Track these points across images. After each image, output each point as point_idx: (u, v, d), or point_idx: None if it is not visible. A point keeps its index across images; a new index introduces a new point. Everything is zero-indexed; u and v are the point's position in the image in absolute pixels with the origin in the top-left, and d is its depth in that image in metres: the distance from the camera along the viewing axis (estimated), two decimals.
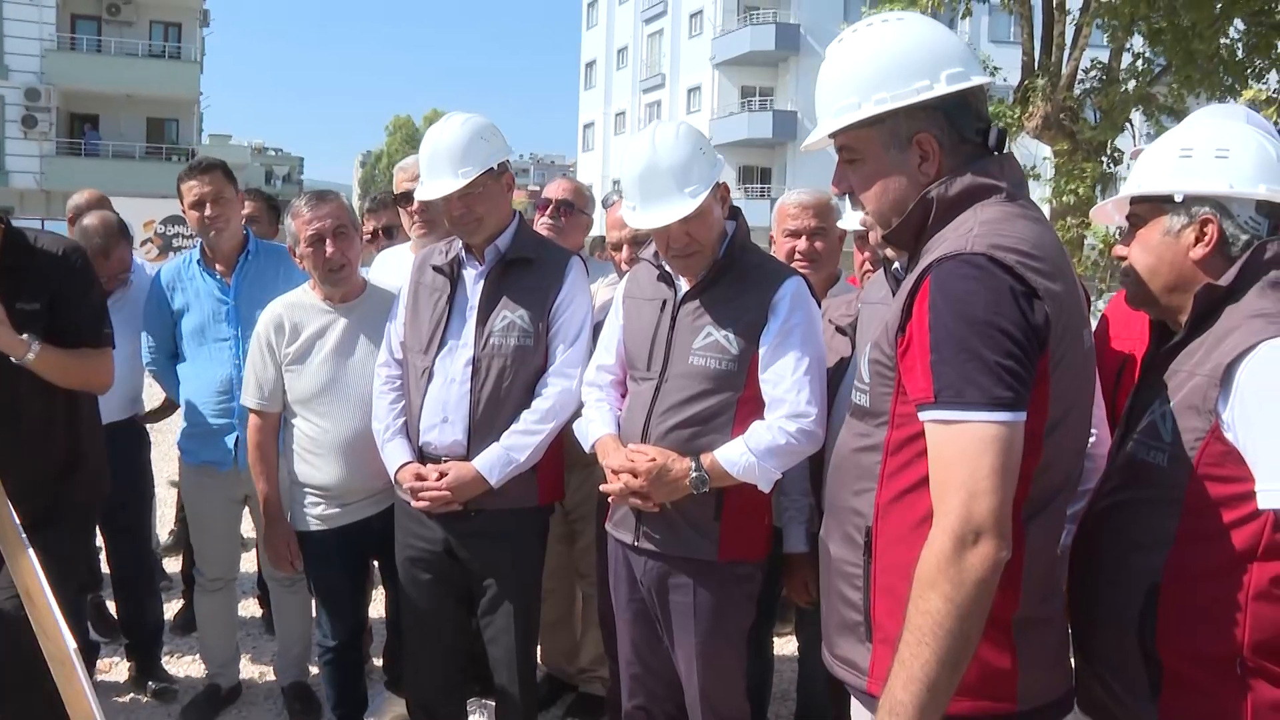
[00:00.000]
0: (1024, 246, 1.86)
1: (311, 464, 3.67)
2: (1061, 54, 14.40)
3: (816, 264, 3.57)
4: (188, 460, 4.29)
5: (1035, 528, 1.94)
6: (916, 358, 1.87)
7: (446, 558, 3.41)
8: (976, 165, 1.99)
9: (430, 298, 3.45)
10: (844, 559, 2.16)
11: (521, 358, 3.31)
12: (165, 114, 36.52)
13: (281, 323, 3.70)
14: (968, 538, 1.74)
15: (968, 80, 1.99)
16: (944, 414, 1.81)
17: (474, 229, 3.34)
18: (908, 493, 1.97)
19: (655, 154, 2.88)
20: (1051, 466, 1.94)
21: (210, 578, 4.41)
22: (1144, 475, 2.11)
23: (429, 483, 3.30)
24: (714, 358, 2.90)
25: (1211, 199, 2.14)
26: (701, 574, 2.96)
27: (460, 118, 3.36)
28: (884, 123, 2.03)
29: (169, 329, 4.26)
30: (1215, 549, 1.99)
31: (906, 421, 1.95)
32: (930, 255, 1.92)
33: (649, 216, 2.89)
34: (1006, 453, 1.77)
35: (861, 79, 2.03)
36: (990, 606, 1.77)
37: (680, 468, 2.86)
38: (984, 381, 1.77)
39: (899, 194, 2.05)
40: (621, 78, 52.77)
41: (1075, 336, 1.92)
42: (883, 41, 2.05)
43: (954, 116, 2.00)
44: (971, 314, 1.80)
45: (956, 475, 1.77)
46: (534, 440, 3.28)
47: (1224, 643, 1.97)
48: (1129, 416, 2.23)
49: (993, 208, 1.95)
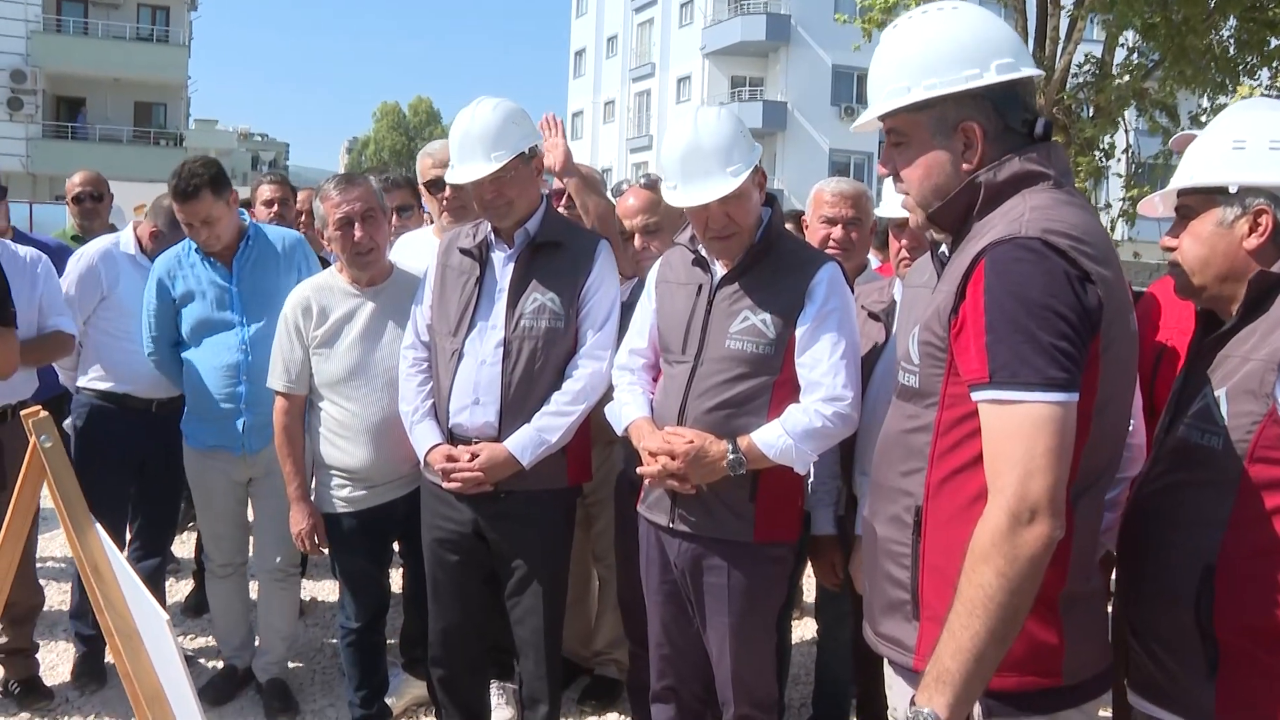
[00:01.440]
0: (1075, 232, 1.89)
1: (339, 447, 3.69)
2: (1056, 48, 14.43)
3: (849, 253, 3.61)
4: (194, 445, 4.27)
5: (1082, 506, 1.98)
6: (970, 338, 1.90)
7: (475, 539, 3.44)
8: (1025, 152, 2.02)
9: (458, 280, 3.46)
10: (891, 538, 2.19)
11: (552, 340, 3.34)
12: (152, 98, 36.35)
13: (309, 306, 3.70)
14: (1023, 515, 1.77)
15: (1017, 71, 2.02)
16: (1000, 394, 1.84)
17: (505, 212, 3.36)
18: (958, 473, 2.00)
19: (698, 134, 2.91)
20: (1098, 447, 1.97)
21: (220, 563, 4.41)
22: (1197, 458, 2.14)
23: (461, 464, 3.32)
24: (751, 341, 2.94)
25: (1266, 190, 2.17)
26: (736, 555, 2.99)
27: (491, 102, 3.37)
28: (933, 108, 2.06)
29: (170, 318, 4.23)
30: (1270, 530, 2.03)
31: (958, 402, 1.98)
32: (980, 239, 1.95)
33: (691, 194, 2.92)
34: (1061, 433, 1.80)
35: (913, 64, 2.07)
36: (1039, 581, 1.81)
37: (718, 450, 2.89)
38: (1039, 362, 1.80)
39: (941, 178, 2.09)
40: (611, 67, 52.62)
41: (1124, 320, 1.96)
42: (936, 28, 2.08)
43: (1001, 106, 2.03)
44: (1027, 296, 1.83)
45: (1012, 454, 1.81)
46: (566, 421, 3.31)
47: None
48: (1178, 401, 2.27)
49: (1041, 194, 1.98)
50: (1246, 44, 13.98)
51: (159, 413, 4.50)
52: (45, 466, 1.98)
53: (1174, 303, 2.88)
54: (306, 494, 3.80)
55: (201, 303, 4.16)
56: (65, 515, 1.99)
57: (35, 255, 4.19)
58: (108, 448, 4.44)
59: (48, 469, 1.97)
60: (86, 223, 6.00)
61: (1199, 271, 2.27)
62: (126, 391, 4.46)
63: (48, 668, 4.59)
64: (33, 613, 4.36)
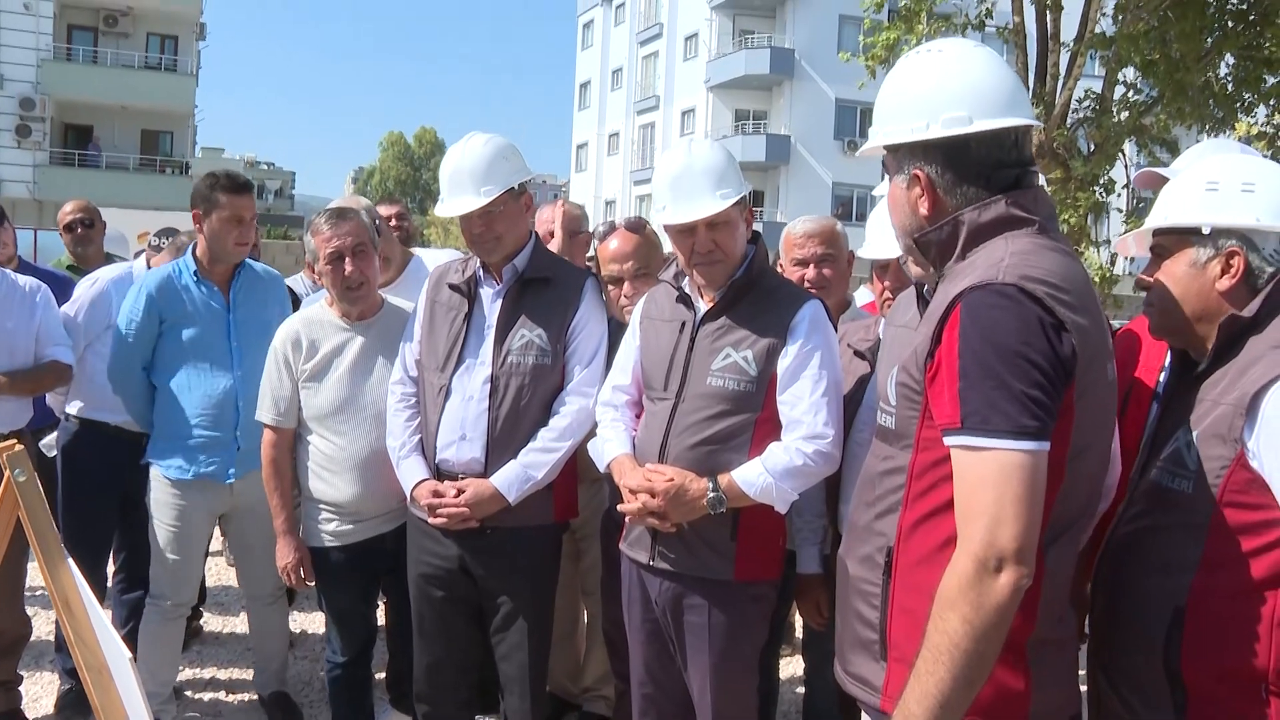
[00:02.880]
0: (1053, 279, 1.90)
1: (327, 481, 3.69)
2: (1055, 84, 14.51)
3: (827, 290, 3.58)
4: (175, 475, 4.10)
5: (1054, 553, 1.98)
6: (944, 383, 1.91)
7: (460, 574, 3.44)
8: (1011, 196, 2.02)
9: (447, 315, 3.48)
10: (863, 578, 2.20)
11: (539, 376, 3.35)
12: (160, 126, 36.50)
13: (299, 339, 3.72)
14: (990, 563, 1.78)
15: (966, 126, 2.00)
16: (970, 440, 1.84)
17: (493, 247, 3.39)
18: (931, 516, 2.01)
19: (691, 158, 2.97)
20: (1071, 494, 1.98)
21: (175, 603, 4.22)
22: (1168, 501, 2.16)
23: (447, 499, 3.32)
24: (733, 379, 2.94)
25: (1238, 232, 2.19)
26: (717, 594, 2.99)
27: (482, 137, 3.40)
28: (896, 151, 2.12)
29: (151, 338, 4.11)
30: (1240, 574, 2.03)
31: (932, 445, 1.99)
32: (961, 281, 1.96)
33: (680, 212, 2.95)
34: (1031, 481, 1.80)
35: (882, 108, 2.14)
36: (1007, 629, 1.81)
37: (698, 488, 2.90)
38: (1011, 410, 1.81)
39: (905, 218, 2.14)
40: (616, 99, 52.96)
41: (1100, 369, 1.96)
42: (905, 75, 2.13)
43: (952, 160, 2.04)
44: (1001, 343, 1.84)
45: (981, 501, 1.81)
46: (552, 458, 3.32)
47: (1250, 665, 2.01)
48: (1151, 444, 2.28)
49: (1024, 239, 1.99)
50: (1244, 81, 14.08)
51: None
52: (19, 500, 1.98)
53: (1151, 343, 2.89)
54: (294, 527, 3.79)
55: (197, 326, 4.12)
56: (38, 549, 2.00)
57: (35, 285, 4.19)
58: (95, 477, 4.43)
59: (21, 503, 1.97)
60: (80, 250, 6.03)
61: (1173, 311, 2.28)
62: (120, 424, 4.43)
63: (31, 699, 4.56)
64: (19, 644, 4.32)
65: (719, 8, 44.03)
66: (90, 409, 4.50)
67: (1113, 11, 13.81)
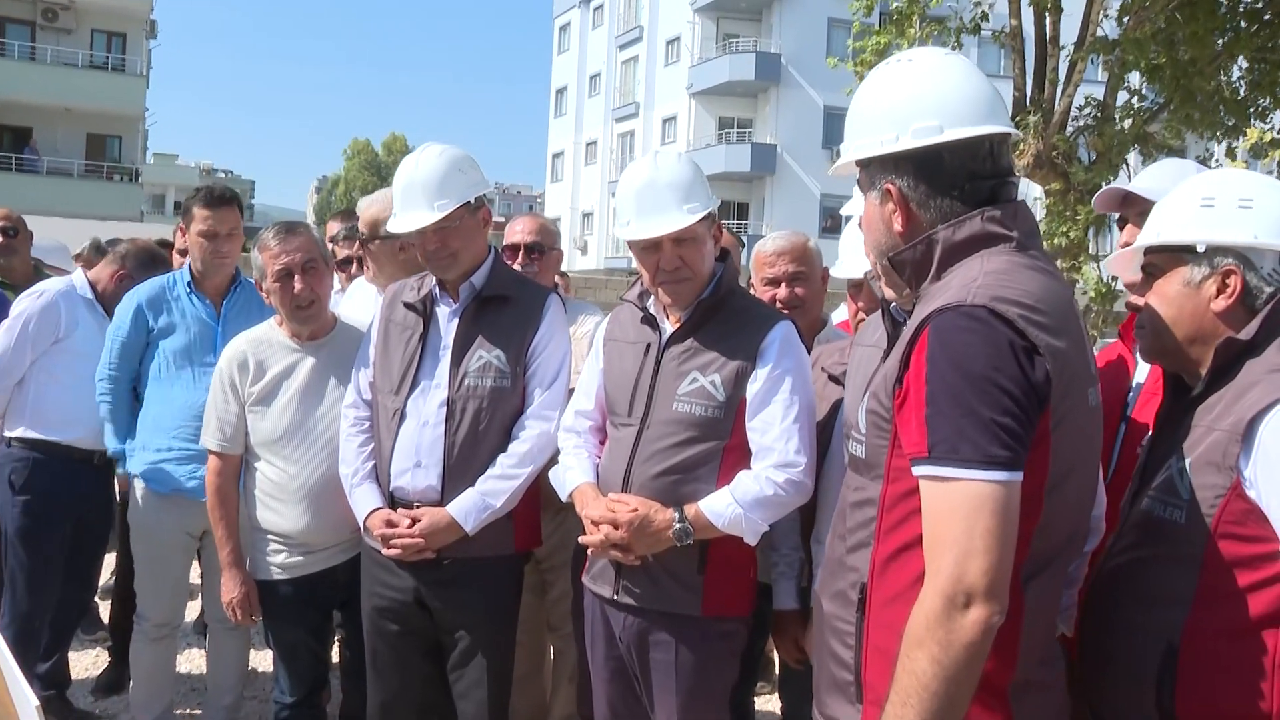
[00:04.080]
0: (1028, 300, 1.91)
1: (275, 510, 3.70)
2: (1055, 90, 14.48)
3: (799, 310, 3.62)
4: (154, 488, 4.21)
5: (1034, 590, 1.98)
6: (912, 410, 1.92)
7: (416, 608, 3.46)
8: (987, 212, 2.03)
9: (402, 336, 3.52)
10: (837, 615, 2.22)
11: (498, 399, 3.39)
12: (107, 130, 36.35)
13: (246, 360, 3.74)
14: (958, 599, 1.78)
15: (937, 135, 2.03)
16: (938, 470, 1.86)
17: (448, 264, 3.43)
18: (904, 550, 2.01)
19: (656, 171, 3.02)
20: (1052, 527, 1.98)
21: (156, 623, 4.35)
22: (1161, 532, 2.17)
23: (400, 529, 3.35)
24: (699, 404, 2.99)
25: (1235, 250, 2.20)
26: (684, 630, 3.02)
27: (437, 149, 3.45)
28: (868, 165, 2.15)
29: (138, 353, 4.23)
30: (1237, 610, 2.04)
31: (902, 476, 1.99)
32: (933, 302, 1.98)
33: (644, 227, 3.00)
34: (1002, 513, 1.81)
35: (851, 122, 2.18)
36: (980, 671, 1.82)
37: (663, 519, 2.94)
38: (980, 439, 1.82)
39: (879, 236, 2.16)
40: (593, 106, 53.14)
41: (1079, 395, 1.97)
42: (874, 87, 2.16)
43: (924, 171, 2.06)
44: (969, 368, 1.85)
45: (950, 534, 1.82)
46: (511, 485, 3.35)
47: (1250, 710, 2.02)
48: (1143, 472, 2.29)
49: (1000, 257, 2.00)
50: (1258, 85, 13.95)
51: (99, 464, 4.51)
52: None
53: (1118, 366, 2.93)
54: (241, 559, 3.81)
55: (184, 336, 4.22)
56: None
57: None
58: (50, 506, 4.45)
59: None
60: (4, 261, 5.85)
61: (1166, 333, 2.29)
62: (70, 441, 4.47)
63: None
64: None
65: (702, 10, 44.28)
66: (38, 429, 4.50)
67: (1116, 14, 13.82)
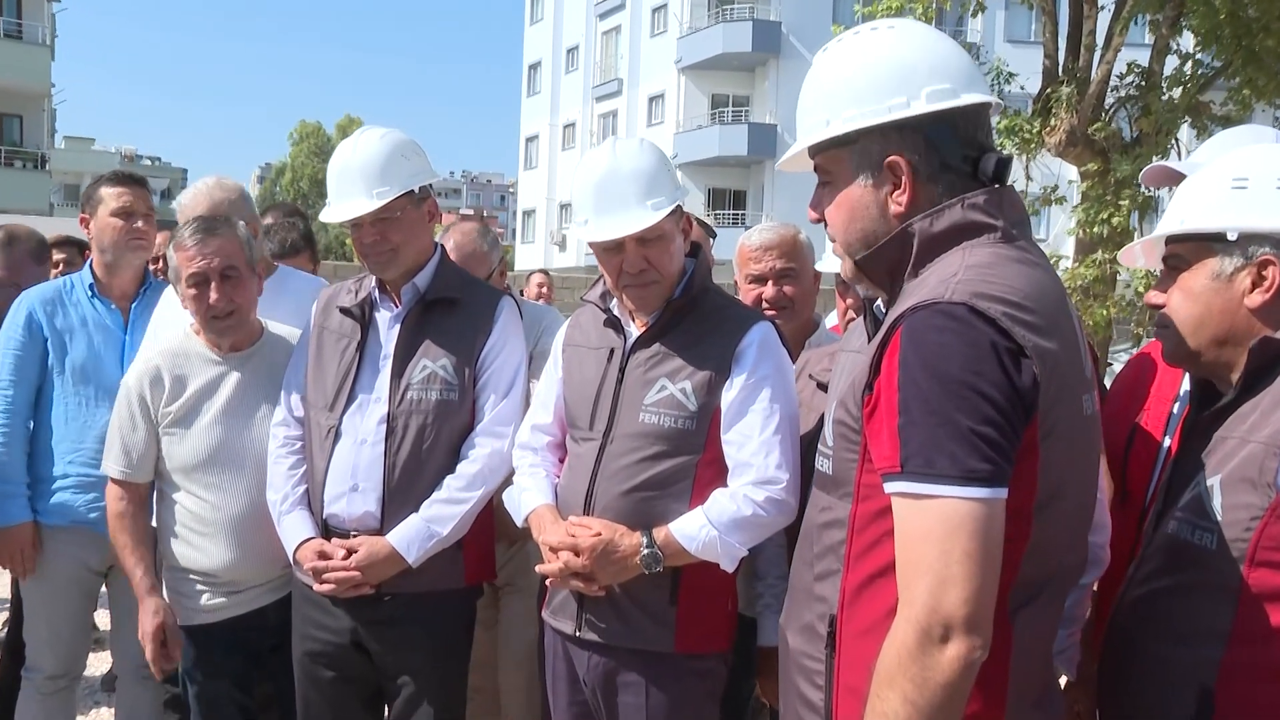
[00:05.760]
0: (1013, 296, 1.91)
1: (195, 545, 3.67)
2: (1091, 56, 14.18)
3: (789, 311, 3.62)
4: (52, 521, 4.16)
5: (1023, 621, 1.99)
6: (883, 420, 1.93)
7: (353, 651, 3.47)
8: (969, 198, 2.04)
9: (337, 345, 3.54)
10: (804, 651, 2.23)
11: (444, 414, 3.41)
12: (5, 108, 35.72)
13: (159, 375, 3.68)
14: (934, 631, 1.79)
15: (954, 99, 2.05)
16: (911, 486, 1.86)
17: (388, 261, 3.44)
18: (878, 577, 2.01)
19: (616, 161, 3.03)
20: (1043, 551, 1.98)
21: (49, 675, 4.24)
22: (1189, 559, 2.16)
23: (334, 562, 3.36)
24: (669, 415, 3.01)
25: (1273, 237, 2.18)
26: (655, 669, 3.04)
27: (378, 132, 3.47)
28: (856, 142, 2.11)
29: (37, 363, 4.14)
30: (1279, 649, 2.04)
31: (874, 493, 1.99)
32: (907, 301, 1.99)
33: (604, 228, 3.01)
34: (983, 534, 1.81)
35: (834, 94, 2.13)
36: (962, 713, 1.83)
37: (629, 543, 2.95)
38: (957, 451, 1.82)
39: (866, 222, 2.14)
40: (571, 83, 53.18)
41: (1072, 401, 1.98)
42: (862, 53, 2.13)
43: (936, 140, 2.06)
44: (945, 372, 1.85)
45: (925, 558, 1.82)
46: (460, 510, 3.36)
47: None
48: (1168, 490, 2.28)
49: (983, 249, 2.01)
50: None
51: None
52: None
53: (1166, 369, 2.94)
54: (157, 586, 3.71)
55: (85, 346, 4.15)
56: None
57: None
58: None
59: None
60: None
61: (1192, 334, 2.28)
62: None
63: None
64: None
65: None
66: None
67: None
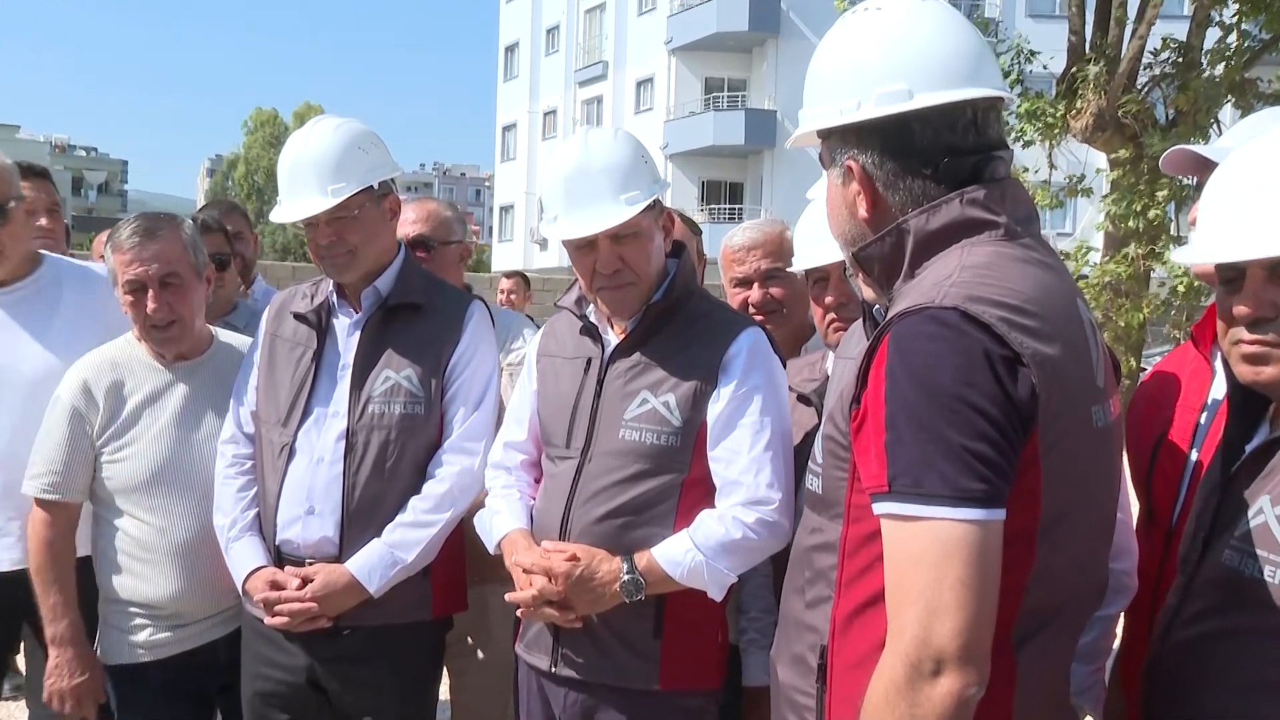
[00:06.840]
0: (1012, 299, 1.91)
1: (137, 574, 3.63)
2: (1122, 30, 13.80)
3: (777, 316, 3.63)
4: None
5: (1029, 654, 1.99)
6: (870, 437, 1.93)
7: (309, 691, 3.45)
8: (968, 193, 2.05)
9: (291, 354, 3.53)
10: (793, 685, 2.23)
11: (409, 429, 3.40)
12: None
13: (97, 386, 3.63)
14: (924, 666, 1.79)
15: (905, 102, 2.05)
16: (899, 507, 1.86)
17: (345, 263, 3.43)
18: (870, 605, 2.01)
19: (587, 152, 3.03)
20: (1050, 578, 1.98)
21: None
22: (1250, 597, 2.09)
23: (288, 592, 3.34)
24: (651, 430, 3.01)
25: None
26: (638, 708, 3.03)
27: (332, 122, 3.47)
28: (828, 138, 2.18)
29: None
30: None
31: (864, 515, 1.99)
32: (898, 306, 1.99)
33: (574, 225, 3.01)
34: (978, 560, 1.80)
35: (809, 85, 2.21)
36: None
37: (608, 569, 2.95)
38: (948, 470, 1.82)
39: (841, 223, 2.21)
40: (551, 66, 53.25)
41: (1077, 413, 1.97)
42: (835, 43, 2.18)
43: (893, 144, 2.09)
44: (935, 384, 1.85)
45: (914, 585, 1.82)
46: (425, 535, 3.35)
47: None
48: (1216, 515, 2.22)
49: (984, 248, 2.02)
50: None
51: None
52: None
53: (1192, 376, 2.92)
54: (81, 635, 3.65)
55: None
56: None
57: None
58: None
59: None
60: None
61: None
62: None
63: None
64: None
65: None
66: None
67: None
